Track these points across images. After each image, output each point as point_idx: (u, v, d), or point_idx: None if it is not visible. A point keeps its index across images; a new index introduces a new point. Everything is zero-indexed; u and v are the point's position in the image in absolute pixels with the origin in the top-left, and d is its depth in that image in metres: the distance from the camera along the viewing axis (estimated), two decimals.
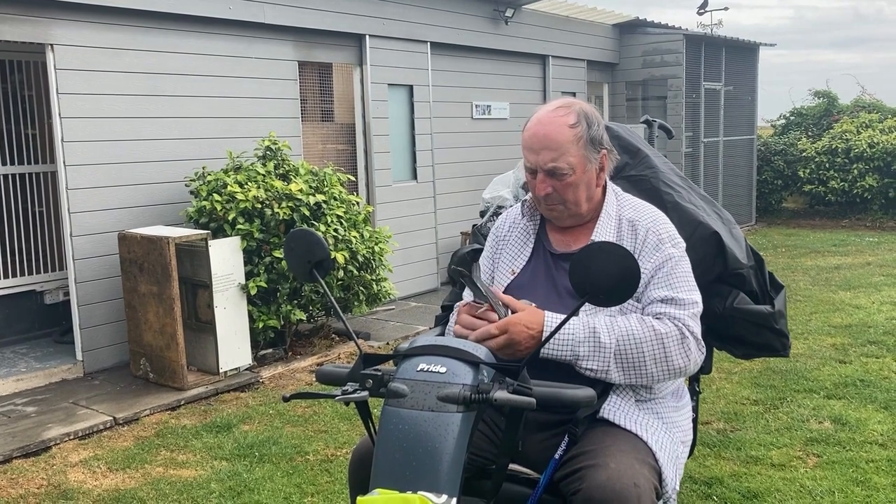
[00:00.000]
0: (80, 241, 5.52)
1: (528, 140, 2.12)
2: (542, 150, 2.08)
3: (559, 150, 2.07)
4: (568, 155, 2.07)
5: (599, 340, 1.96)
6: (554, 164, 2.07)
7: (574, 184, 2.10)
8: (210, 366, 5.35)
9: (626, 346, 1.96)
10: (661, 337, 1.96)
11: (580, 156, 2.08)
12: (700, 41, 11.53)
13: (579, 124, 2.09)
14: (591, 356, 1.96)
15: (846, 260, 9.57)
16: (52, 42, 5.32)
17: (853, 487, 3.56)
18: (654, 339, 1.96)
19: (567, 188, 2.10)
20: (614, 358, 1.96)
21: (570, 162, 2.07)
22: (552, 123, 2.09)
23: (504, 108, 9.43)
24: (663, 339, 1.96)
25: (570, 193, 2.11)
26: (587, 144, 2.09)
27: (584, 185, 2.12)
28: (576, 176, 2.09)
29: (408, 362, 1.73)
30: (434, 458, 1.58)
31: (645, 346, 1.96)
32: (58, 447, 4.37)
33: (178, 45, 6.03)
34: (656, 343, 1.96)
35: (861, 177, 12.47)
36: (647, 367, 1.97)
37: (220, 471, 3.98)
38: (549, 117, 2.11)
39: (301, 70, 7.02)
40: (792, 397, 4.75)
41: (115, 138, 5.68)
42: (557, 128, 2.08)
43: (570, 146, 2.07)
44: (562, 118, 2.09)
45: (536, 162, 2.10)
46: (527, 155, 2.12)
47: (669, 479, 1.99)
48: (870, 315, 6.67)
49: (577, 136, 2.08)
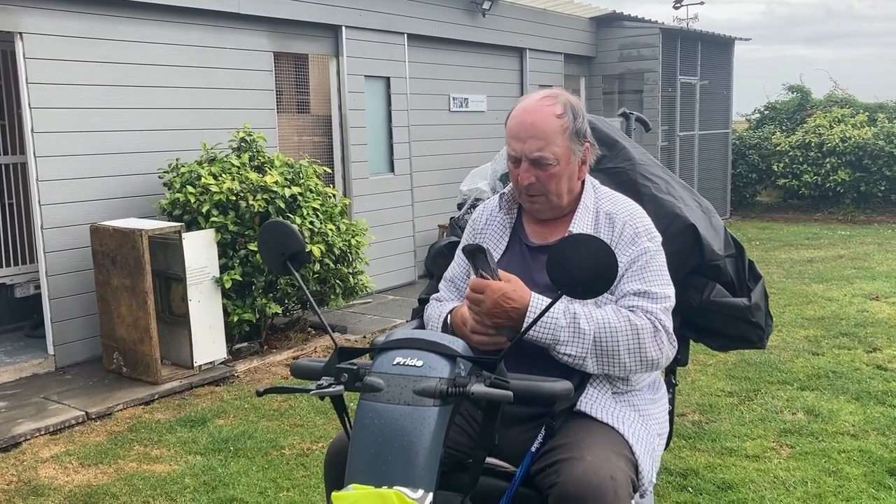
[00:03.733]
0: (52, 233, 5.43)
1: (514, 128, 2.09)
2: (529, 138, 2.05)
3: (546, 140, 2.04)
4: (554, 145, 2.05)
5: (580, 326, 1.95)
6: (540, 153, 2.05)
7: (557, 175, 2.08)
8: (184, 360, 5.29)
9: (603, 334, 1.96)
10: (636, 328, 1.97)
11: (565, 147, 2.07)
12: (676, 35, 11.59)
13: (566, 115, 2.07)
14: (570, 342, 1.95)
15: (819, 253, 9.69)
16: (21, 31, 5.21)
17: (825, 477, 3.60)
18: (629, 330, 1.96)
19: (550, 179, 2.08)
20: (592, 347, 1.96)
21: (556, 152, 2.05)
22: (539, 112, 2.06)
23: (481, 101, 9.41)
24: (638, 331, 1.97)
25: (553, 185, 2.09)
26: (572, 136, 2.08)
27: (566, 176, 2.10)
28: (560, 167, 2.07)
29: (384, 356, 1.71)
30: (410, 453, 1.56)
31: (620, 337, 1.96)
32: (28, 442, 4.30)
33: (150, 35, 5.94)
34: (631, 334, 1.96)
35: (833, 171, 12.63)
36: (622, 358, 1.97)
37: (195, 465, 3.94)
38: (536, 106, 2.08)
39: (276, 61, 6.95)
40: (766, 389, 4.80)
41: (87, 129, 5.59)
42: (545, 117, 2.05)
43: (557, 136, 2.05)
44: (549, 108, 2.07)
45: (522, 150, 2.07)
46: (511, 143, 2.09)
47: (646, 472, 1.99)
48: (842, 307, 6.75)
49: (563, 126, 2.06)
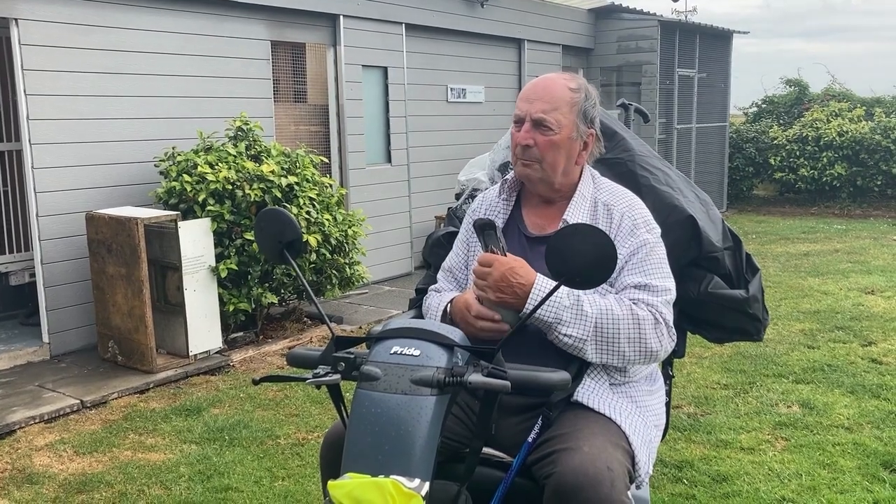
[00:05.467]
0: (47, 221, 5.41)
1: (526, 90, 2.16)
2: (537, 100, 2.11)
3: (552, 104, 2.10)
4: (559, 112, 2.09)
5: (582, 309, 1.96)
6: (543, 114, 2.09)
7: (556, 144, 2.10)
8: (180, 349, 5.28)
9: (604, 320, 1.96)
10: (637, 318, 1.97)
11: (570, 120, 2.11)
12: (675, 28, 11.56)
13: (579, 92, 2.14)
14: (573, 322, 1.96)
15: (815, 247, 9.70)
16: (16, 17, 5.17)
17: (820, 470, 3.61)
18: (630, 319, 1.97)
19: (548, 146, 2.10)
20: (593, 333, 1.96)
21: (559, 120, 2.09)
22: (554, 81, 2.14)
23: (479, 92, 9.38)
24: (640, 321, 1.97)
25: (550, 154, 2.11)
26: (580, 114, 2.13)
27: (564, 151, 2.12)
28: (560, 136, 2.10)
29: (381, 345, 1.70)
30: (407, 442, 1.56)
31: (622, 325, 1.97)
32: (23, 431, 4.29)
33: (147, 23, 5.90)
34: (633, 323, 1.97)
35: (830, 165, 12.63)
36: (621, 346, 1.97)
37: (190, 454, 3.94)
38: (553, 77, 2.17)
39: (274, 50, 6.91)
40: (761, 382, 4.81)
41: (83, 116, 5.55)
42: (558, 86, 2.13)
43: (564, 105, 2.10)
44: (565, 81, 2.15)
45: (527, 110, 2.11)
46: (519, 104, 2.15)
47: (643, 463, 1.99)
48: (837, 301, 6.76)
49: (573, 100, 2.12)
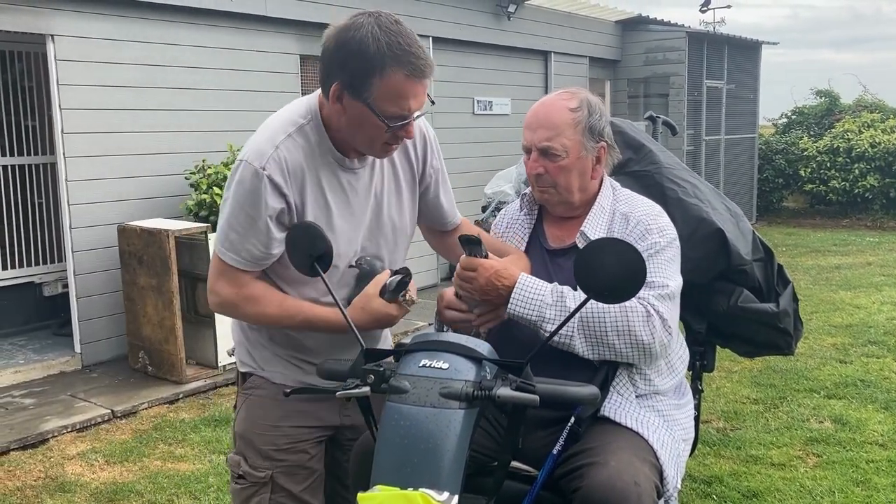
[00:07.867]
0: (80, 233, 5.50)
1: (528, 119, 2.16)
2: (539, 128, 2.11)
3: (555, 131, 2.08)
4: (563, 137, 2.08)
5: (566, 305, 1.96)
6: (548, 143, 2.08)
7: (566, 168, 2.10)
8: (209, 359, 5.33)
9: (589, 314, 1.95)
10: (624, 310, 1.94)
11: (576, 140, 2.09)
12: (702, 39, 11.50)
13: (580, 109, 2.11)
14: (556, 320, 1.95)
15: (847, 260, 9.56)
16: (52, 33, 5.29)
17: (853, 487, 3.55)
18: (617, 311, 1.94)
19: (559, 171, 2.10)
20: (578, 325, 1.95)
21: (565, 144, 2.08)
22: (553, 105, 2.13)
23: (506, 105, 9.39)
24: (626, 312, 1.94)
25: (562, 178, 2.11)
26: (585, 131, 2.10)
27: (577, 171, 2.12)
28: (569, 160, 2.09)
29: (410, 358, 1.71)
30: (436, 455, 1.56)
31: (608, 317, 1.94)
32: (55, 439, 4.36)
33: (179, 37, 6.00)
34: (620, 315, 1.94)
35: (862, 176, 12.45)
36: (610, 339, 1.95)
37: (219, 465, 3.97)
38: (552, 100, 2.15)
39: (303, 64, 6.99)
40: (792, 397, 4.74)
41: (115, 130, 5.65)
42: (557, 109, 2.11)
43: (567, 129, 2.09)
44: (564, 101, 2.12)
45: (532, 140, 2.12)
46: (524, 133, 2.15)
47: (671, 478, 1.97)
48: (870, 315, 6.66)
49: (575, 120, 2.09)
